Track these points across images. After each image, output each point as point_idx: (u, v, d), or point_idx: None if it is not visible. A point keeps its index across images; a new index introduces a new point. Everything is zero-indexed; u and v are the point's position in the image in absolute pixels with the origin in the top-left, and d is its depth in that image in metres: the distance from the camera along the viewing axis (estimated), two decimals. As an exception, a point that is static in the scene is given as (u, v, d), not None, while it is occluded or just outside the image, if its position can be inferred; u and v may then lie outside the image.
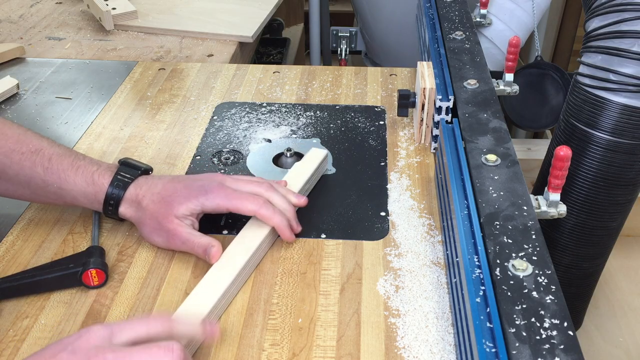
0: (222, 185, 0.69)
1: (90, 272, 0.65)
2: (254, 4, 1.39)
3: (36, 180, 0.69)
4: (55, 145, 0.71)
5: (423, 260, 0.68)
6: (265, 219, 0.68)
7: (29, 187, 0.69)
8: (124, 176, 0.70)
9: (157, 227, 0.68)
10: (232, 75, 1.08)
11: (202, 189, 0.68)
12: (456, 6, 1.06)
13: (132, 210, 0.69)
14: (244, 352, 0.59)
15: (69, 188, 0.69)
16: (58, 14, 1.39)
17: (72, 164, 0.69)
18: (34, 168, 0.68)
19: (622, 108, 0.89)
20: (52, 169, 0.69)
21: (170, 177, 0.71)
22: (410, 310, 0.62)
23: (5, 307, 0.64)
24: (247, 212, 0.68)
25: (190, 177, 0.72)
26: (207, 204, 0.68)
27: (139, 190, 0.69)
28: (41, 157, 0.69)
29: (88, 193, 0.69)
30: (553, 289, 0.50)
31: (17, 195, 0.72)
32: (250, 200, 0.68)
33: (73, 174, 0.69)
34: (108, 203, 0.69)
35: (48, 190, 0.69)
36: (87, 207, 0.71)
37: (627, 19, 0.86)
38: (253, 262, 0.67)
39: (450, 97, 0.81)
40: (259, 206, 0.68)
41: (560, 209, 0.65)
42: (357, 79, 1.07)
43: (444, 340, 0.59)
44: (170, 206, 0.67)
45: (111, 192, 0.69)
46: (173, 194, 0.68)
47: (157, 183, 0.70)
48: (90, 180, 0.69)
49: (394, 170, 0.83)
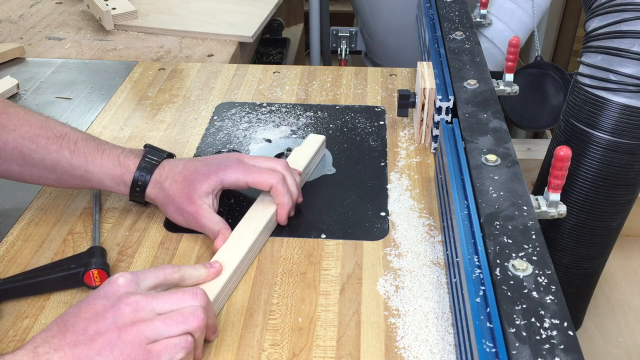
0: (240, 161, 0.72)
1: (92, 272, 0.65)
2: (254, 4, 1.39)
3: (62, 163, 0.70)
4: (78, 130, 0.73)
5: (423, 260, 0.68)
6: (278, 195, 0.71)
7: (55, 172, 0.71)
8: (152, 159, 0.72)
9: (179, 208, 0.70)
10: (232, 75, 1.08)
11: (221, 165, 0.71)
12: (456, 6, 1.06)
13: (155, 191, 0.72)
14: (244, 352, 0.59)
15: (95, 171, 0.70)
16: (58, 14, 1.39)
17: (98, 147, 0.71)
18: (61, 152, 0.70)
19: (622, 108, 0.89)
20: (78, 152, 0.70)
21: (190, 158, 0.75)
22: (410, 310, 0.62)
23: (6, 307, 0.64)
24: (265, 186, 0.71)
25: (209, 156, 0.75)
26: (227, 179, 0.71)
27: (162, 171, 0.72)
28: (67, 141, 0.70)
29: (115, 175, 0.71)
30: (553, 289, 0.50)
31: (42, 180, 0.73)
32: (269, 174, 0.71)
33: (99, 157, 0.71)
34: (136, 185, 0.71)
35: (74, 174, 0.71)
36: (112, 190, 0.73)
37: (627, 19, 0.86)
38: (260, 240, 0.70)
39: (450, 97, 0.81)
40: (277, 180, 0.71)
41: (560, 209, 0.65)
42: (357, 79, 1.07)
43: (444, 340, 0.59)
44: (191, 185, 0.70)
45: (139, 175, 0.71)
46: (194, 172, 0.71)
47: (178, 164, 0.73)
48: (117, 162, 0.71)
49: (394, 170, 0.83)
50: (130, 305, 0.52)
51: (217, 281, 0.63)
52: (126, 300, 0.53)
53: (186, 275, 0.61)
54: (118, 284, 0.54)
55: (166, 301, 0.54)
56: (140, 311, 0.52)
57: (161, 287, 0.58)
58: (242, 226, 0.70)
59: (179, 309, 0.54)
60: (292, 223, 0.74)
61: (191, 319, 0.53)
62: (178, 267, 0.61)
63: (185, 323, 0.53)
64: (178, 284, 0.61)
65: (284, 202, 0.71)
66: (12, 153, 0.70)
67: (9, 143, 0.69)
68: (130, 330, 0.51)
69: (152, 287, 0.57)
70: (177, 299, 0.55)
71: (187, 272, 0.61)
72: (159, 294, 0.55)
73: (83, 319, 0.52)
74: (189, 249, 0.71)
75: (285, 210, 0.72)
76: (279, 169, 0.72)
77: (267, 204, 0.73)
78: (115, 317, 0.52)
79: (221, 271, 0.64)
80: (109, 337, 0.51)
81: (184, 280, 0.61)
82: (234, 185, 0.71)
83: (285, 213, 0.72)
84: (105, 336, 0.51)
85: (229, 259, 0.65)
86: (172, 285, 0.60)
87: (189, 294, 0.55)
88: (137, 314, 0.52)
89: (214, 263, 0.64)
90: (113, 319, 0.52)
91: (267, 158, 0.74)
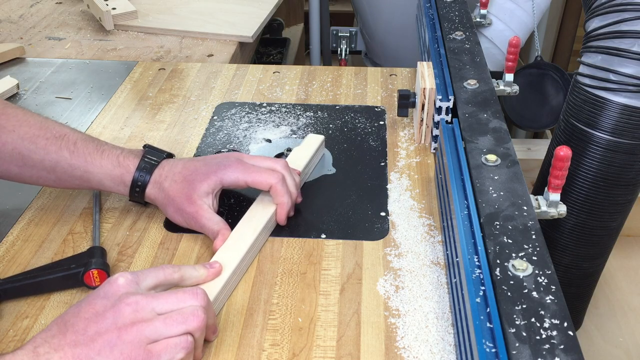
0: (240, 160, 0.72)
1: (92, 272, 0.65)
2: (254, 4, 1.39)
3: (62, 164, 0.70)
4: (77, 131, 0.73)
5: (423, 260, 0.68)
6: (278, 195, 0.71)
7: (55, 172, 0.71)
8: (151, 159, 0.72)
9: (179, 208, 0.70)
10: (232, 75, 1.08)
11: (220, 164, 0.71)
12: (456, 6, 1.06)
13: (155, 191, 0.71)
14: (244, 352, 0.59)
15: (95, 171, 0.70)
16: (58, 14, 1.39)
17: (97, 148, 0.71)
18: (60, 152, 0.70)
19: (622, 108, 0.89)
20: (78, 152, 0.70)
21: (189, 158, 0.75)
22: (410, 310, 0.62)
23: (5, 307, 0.64)
24: (264, 186, 0.71)
25: (209, 156, 0.74)
26: (226, 178, 0.71)
27: (161, 171, 0.72)
28: (66, 142, 0.70)
29: (114, 175, 0.71)
30: (553, 289, 0.50)
31: (41, 181, 0.73)
32: (268, 173, 0.71)
33: (99, 157, 0.71)
34: (135, 185, 0.71)
35: (74, 174, 0.71)
36: (111, 190, 0.73)
37: (627, 19, 0.86)
38: (260, 240, 0.70)
39: (450, 97, 0.81)
40: (277, 180, 0.71)
41: (560, 209, 0.65)
42: (357, 79, 1.07)
43: (444, 340, 0.59)
44: (191, 185, 0.70)
45: (138, 175, 0.71)
46: (194, 172, 0.71)
47: (178, 163, 0.72)
48: (116, 162, 0.71)
49: (394, 170, 0.83)
50: (130, 306, 0.52)
51: (217, 281, 0.63)
52: (126, 300, 0.53)
53: (186, 275, 0.61)
54: (118, 284, 0.54)
55: (166, 301, 0.54)
56: (140, 311, 0.52)
57: (161, 287, 0.58)
58: (242, 226, 0.70)
59: (179, 309, 0.54)
60: (292, 223, 0.74)
61: (191, 319, 0.53)
62: (178, 267, 0.61)
63: (186, 323, 0.53)
64: (178, 284, 0.61)
65: (283, 202, 0.71)
66: (12, 154, 0.70)
67: (8, 144, 0.69)
68: (131, 330, 0.51)
69: (152, 287, 0.57)
70: (177, 299, 0.55)
71: (187, 272, 0.61)
72: (159, 294, 0.55)
73: (83, 319, 0.52)
74: (189, 249, 0.71)
75: (285, 210, 0.72)
76: (279, 169, 0.72)
77: (267, 204, 0.73)
78: (115, 317, 0.52)
79: (221, 271, 0.64)
80: (109, 337, 0.51)
81: (183, 281, 0.61)
82: (233, 185, 0.71)
83: (284, 213, 0.72)
84: (105, 336, 0.51)
85: (229, 259, 0.65)
86: (172, 285, 0.60)
87: (189, 293, 0.55)
88: (137, 314, 0.52)
89: (213, 263, 0.64)
90: (113, 319, 0.52)
91: (266, 158, 0.74)
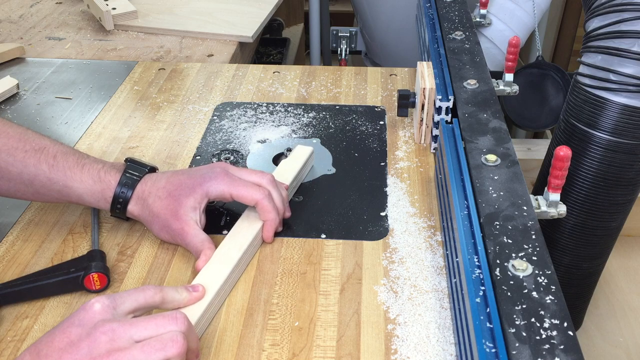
0: (225, 172, 0.70)
1: (92, 276, 0.64)
2: (254, 4, 1.39)
3: (40, 178, 0.68)
4: (58, 143, 0.71)
5: (423, 261, 0.68)
6: (264, 211, 0.69)
7: (32, 186, 0.69)
8: (132, 174, 0.70)
9: (164, 225, 0.69)
10: (232, 75, 1.08)
11: (205, 176, 0.69)
12: (456, 6, 1.06)
13: (138, 208, 0.69)
14: (244, 352, 0.59)
15: (75, 186, 0.68)
16: (58, 14, 1.39)
17: (78, 161, 0.69)
18: (39, 165, 0.68)
19: (622, 108, 0.89)
20: (57, 166, 0.68)
21: (173, 171, 0.72)
22: (410, 310, 0.62)
23: (5, 307, 0.64)
24: (249, 201, 0.69)
25: (193, 168, 0.72)
26: (212, 191, 0.68)
27: (144, 186, 0.69)
28: (46, 155, 0.68)
29: (95, 191, 0.69)
30: (553, 289, 0.50)
31: (18, 194, 0.71)
32: (255, 189, 0.69)
33: (79, 172, 0.68)
34: (117, 201, 0.69)
35: (52, 188, 0.69)
36: (92, 205, 0.71)
37: (627, 19, 0.86)
38: (245, 259, 0.68)
39: (450, 97, 0.81)
40: (263, 196, 0.68)
41: (560, 209, 0.65)
42: (357, 79, 1.07)
43: (444, 340, 0.59)
44: (177, 200, 0.68)
45: (120, 191, 0.69)
46: (178, 187, 0.69)
47: (161, 178, 0.70)
48: (97, 177, 0.68)
49: (394, 170, 0.83)
50: (106, 334, 0.50)
51: (200, 304, 0.60)
52: (102, 328, 0.50)
53: (168, 297, 0.58)
54: (94, 310, 0.51)
55: (145, 327, 0.51)
56: (116, 340, 0.50)
57: (141, 310, 0.55)
58: (227, 244, 0.68)
59: (158, 335, 0.51)
60: (292, 223, 0.74)
61: (170, 344, 0.50)
62: (160, 289, 0.57)
63: (164, 350, 0.50)
64: (159, 307, 0.57)
65: (270, 218, 0.69)
66: None
67: None
68: None
69: (130, 312, 0.54)
70: (157, 324, 0.52)
71: (168, 295, 0.58)
72: (136, 320, 0.52)
73: (57, 349, 0.49)
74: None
75: (272, 228, 0.70)
76: (264, 184, 0.70)
77: (253, 220, 0.70)
78: (90, 347, 0.49)
79: (204, 294, 0.61)
80: None
81: (165, 303, 0.58)
82: (219, 197, 0.69)
83: (271, 230, 0.70)
84: None
85: (212, 281, 0.63)
86: (152, 308, 0.57)
87: (168, 318, 0.52)
88: (113, 343, 0.49)
89: (196, 286, 0.61)
90: (88, 349, 0.49)
91: (253, 171, 0.72)
